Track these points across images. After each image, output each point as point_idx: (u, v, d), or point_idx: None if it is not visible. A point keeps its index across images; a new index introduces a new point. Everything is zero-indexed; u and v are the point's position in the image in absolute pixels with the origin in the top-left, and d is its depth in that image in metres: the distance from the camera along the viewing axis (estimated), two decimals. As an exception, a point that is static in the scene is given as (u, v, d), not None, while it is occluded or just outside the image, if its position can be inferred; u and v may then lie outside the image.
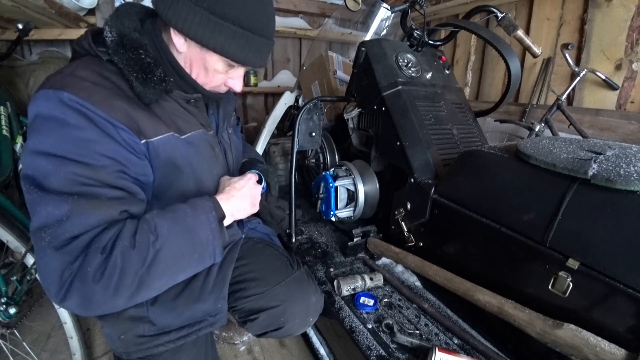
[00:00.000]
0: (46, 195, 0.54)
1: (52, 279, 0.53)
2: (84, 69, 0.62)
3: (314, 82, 1.85)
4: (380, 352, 0.78)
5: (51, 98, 0.57)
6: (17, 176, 1.30)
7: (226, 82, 0.75)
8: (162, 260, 0.58)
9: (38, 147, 0.56)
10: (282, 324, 0.87)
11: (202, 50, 0.68)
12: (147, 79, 0.64)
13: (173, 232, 0.60)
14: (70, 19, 1.87)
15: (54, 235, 0.53)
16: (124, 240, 0.56)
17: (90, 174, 0.57)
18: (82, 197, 0.55)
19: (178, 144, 0.70)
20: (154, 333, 0.75)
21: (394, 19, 1.73)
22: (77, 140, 0.57)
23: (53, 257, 0.53)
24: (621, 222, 0.58)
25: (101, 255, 0.54)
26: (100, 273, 0.53)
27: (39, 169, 0.56)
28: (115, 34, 0.65)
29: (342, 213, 1.19)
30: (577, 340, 0.60)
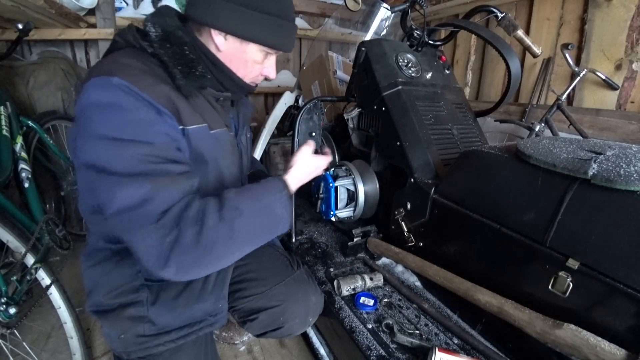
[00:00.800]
0: (121, 178, 0.57)
1: (151, 252, 0.57)
2: (129, 58, 0.65)
3: (314, 82, 1.85)
4: (380, 352, 0.78)
5: (101, 84, 0.59)
6: (17, 176, 1.30)
7: (262, 72, 0.80)
8: (245, 232, 0.64)
9: (98, 133, 0.58)
10: (281, 324, 0.87)
11: (242, 44, 0.73)
12: (190, 72, 0.69)
13: (253, 208, 0.67)
14: (70, 19, 1.87)
15: (145, 213, 0.57)
16: (213, 214, 0.61)
17: (155, 152, 0.60)
18: (158, 175, 0.59)
19: (208, 137, 0.73)
20: (154, 333, 0.75)
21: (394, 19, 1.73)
22: (134, 121, 0.59)
23: (150, 232, 0.57)
24: (621, 222, 0.58)
25: (194, 227, 0.58)
26: (195, 242, 0.58)
27: (103, 155, 0.58)
28: (159, 30, 0.69)
29: (342, 213, 1.19)
30: (577, 340, 0.60)
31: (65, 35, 2.02)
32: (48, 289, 1.05)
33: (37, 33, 1.92)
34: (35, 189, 1.34)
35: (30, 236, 1.01)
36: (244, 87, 0.81)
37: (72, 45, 2.21)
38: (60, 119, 1.79)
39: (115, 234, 0.72)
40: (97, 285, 0.77)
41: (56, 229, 1.18)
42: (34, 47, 2.12)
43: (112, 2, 2.13)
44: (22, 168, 1.31)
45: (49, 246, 1.10)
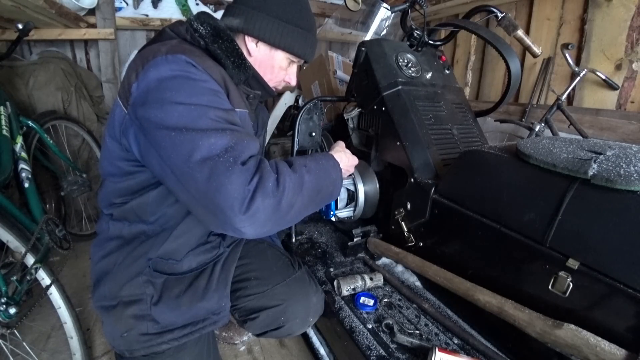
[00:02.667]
0: (203, 132, 0.60)
1: (236, 195, 0.58)
2: (186, 44, 0.72)
3: (314, 82, 1.85)
4: (380, 352, 0.78)
5: (172, 61, 0.64)
6: (17, 176, 1.30)
7: (285, 78, 0.90)
8: (311, 188, 0.69)
9: (176, 100, 0.62)
10: (282, 324, 0.87)
11: (272, 50, 0.83)
12: (241, 64, 0.78)
13: (317, 169, 0.73)
14: (70, 19, 1.87)
15: (232, 156, 0.60)
16: (286, 167, 0.66)
17: (228, 117, 0.65)
18: (234, 131, 0.64)
19: (248, 120, 0.81)
20: (158, 331, 0.75)
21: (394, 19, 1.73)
22: (207, 90, 0.65)
23: (237, 174, 0.58)
24: (621, 222, 0.58)
25: (274, 175, 0.63)
26: (275, 187, 0.61)
27: (184, 116, 0.61)
28: (209, 27, 0.76)
29: (342, 213, 1.19)
30: (577, 340, 0.60)
31: (65, 35, 2.02)
32: (48, 289, 1.05)
33: (37, 33, 1.92)
34: (35, 189, 1.33)
35: (30, 236, 1.01)
36: (268, 91, 0.90)
37: (72, 45, 2.21)
38: (60, 119, 1.79)
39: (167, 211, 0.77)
40: (106, 275, 0.78)
41: (56, 229, 1.18)
42: (34, 47, 2.12)
43: (112, 2, 2.13)
44: (22, 168, 1.31)
45: (49, 246, 1.09)
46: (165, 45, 0.69)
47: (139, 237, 0.79)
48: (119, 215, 0.79)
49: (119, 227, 0.80)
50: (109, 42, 2.17)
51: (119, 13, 2.19)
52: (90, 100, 2.09)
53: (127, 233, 0.79)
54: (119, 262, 0.78)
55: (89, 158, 2.07)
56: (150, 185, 0.74)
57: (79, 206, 1.98)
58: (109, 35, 2.13)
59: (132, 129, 0.67)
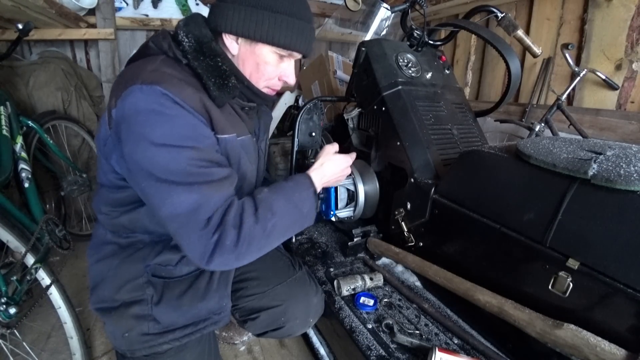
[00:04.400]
0: (170, 187, 0.61)
1: (196, 252, 0.62)
2: (168, 67, 0.67)
3: (314, 82, 1.85)
4: (380, 352, 0.78)
5: (147, 92, 0.61)
6: (17, 176, 1.30)
7: (280, 77, 0.79)
8: (277, 231, 0.68)
9: (149, 139, 0.61)
10: (282, 324, 0.87)
11: (252, 45, 0.73)
12: (224, 84, 0.70)
13: (285, 210, 0.70)
14: (70, 19, 1.87)
15: (194, 221, 0.61)
16: (249, 217, 0.65)
17: (202, 156, 0.64)
18: (204, 184, 0.62)
19: (236, 144, 0.76)
20: (159, 331, 0.75)
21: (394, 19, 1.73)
22: (181, 127, 0.63)
23: (196, 237, 0.62)
24: (621, 222, 0.58)
25: (234, 230, 0.63)
26: (234, 244, 0.62)
27: (156, 161, 0.61)
28: (193, 40, 0.70)
29: (342, 213, 1.19)
30: (577, 340, 0.60)
31: (65, 35, 2.02)
32: (48, 289, 1.05)
33: (37, 33, 1.92)
34: (35, 189, 1.33)
35: (30, 236, 1.01)
36: (263, 97, 0.82)
37: (72, 45, 2.21)
38: (60, 119, 1.79)
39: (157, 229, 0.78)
40: (103, 279, 0.78)
41: (56, 229, 1.18)
42: (34, 47, 2.12)
43: (112, 2, 2.13)
44: (22, 168, 1.31)
45: (49, 246, 1.09)
46: (144, 67, 0.66)
47: (135, 245, 0.79)
48: (113, 227, 0.79)
49: (111, 236, 0.80)
50: (109, 42, 2.17)
51: (119, 13, 2.19)
52: (90, 100, 2.09)
53: (123, 241, 0.79)
54: (115, 266, 0.77)
55: (89, 158, 2.07)
56: (140, 200, 0.73)
57: (79, 206, 1.98)
58: (109, 35, 2.13)
59: (115, 153, 0.68)
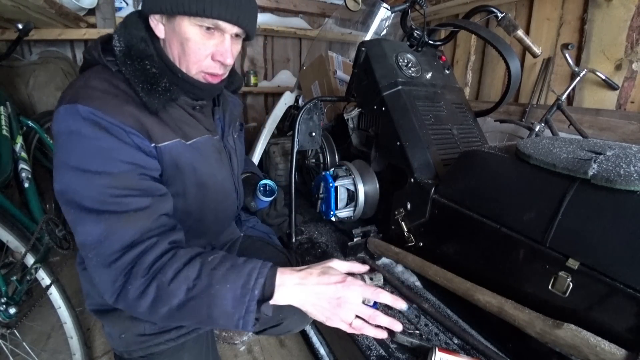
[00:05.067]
0: (81, 214, 0.58)
1: (105, 290, 0.59)
2: (95, 79, 0.64)
3: (314, 82, 1.85)
4: (380, 352, 0.78)
5: (67, 112, 0.60)
6: (17, 176, 1.30)
7: (214, 56, 0.70)
8: (192, 309, 0.56)
9: (66, 162, 0.59)
10: (280, 320, 0.87)
11: (172, 21, 0.66)
12: (152, 89, 0.66)
13: (207, 292, 0.56)
14: (70, 19, 1.87)
15: (98, 254, 0.58)
16: (165, 275, 0.56)
17: (115, 183, 0.59)
18: (114, 214, 0.58)
19: (184, 149, 0.71)
20: (155, 332, 0.75)
21: (394, 19, 1.73)
22: (96, 151, 0.59)
23: (103, 272, 0.58)
24: (621, 222, 0.58)
25: (141, 280, 0.56)
26: (139, 294, 0.56)
27: (69, 185, 0.59)
28: (123, 44, 0.66)
29: (342, 213, 1.19)
30: (577, 340, 0.60)
31: (65, 35, 2.02)
32: (48, 289, 1.05)
33: (37, 33, 1.92)
34: (35, 189, 1.33)
35: (30, 236, 1.01)
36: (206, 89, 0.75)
37: (72, 45, 2.21)
38: (60, 119, 1.79)
39: None
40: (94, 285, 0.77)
41: (56, 229, 1.18)
42: (34, 47, 2.12)
43: (112, 2, 2.13)
44: (22, 168, 1.31)
45: (49, 246, 1.10)
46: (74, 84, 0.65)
47: None
48: None
49: None
50: (109, 42, 2.17)
51: (119, 13, 2.19)
52: (90, 100, 2.09)
53: None
54: None
55: (89, 158, 2.07)
56: None
57: (79, 206, 1.98)
58: (109, 35, 2.13)
59: None
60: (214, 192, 0.79)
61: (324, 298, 0.58)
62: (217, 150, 0.81)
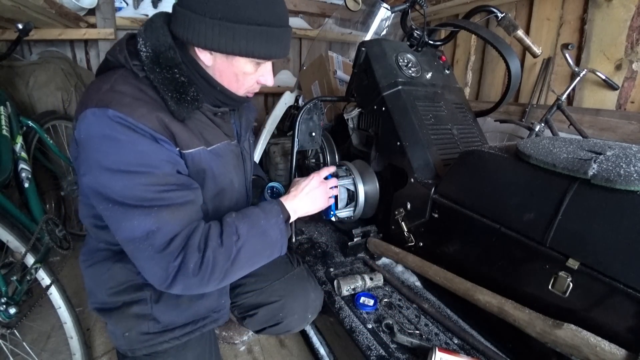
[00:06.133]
0: (127, 211, 0.61)
1: (157, 276, 0.63)
2: (123, 84, 0.65)
3: (314, 82, 1.85)
4: (380, 352, 0.78)
5: (99, 116, 0.60)
6: (17, 176, 1.30)
7: (258, 80, 0.77)
8: (243, 256, 0.68)
9: (102, 165, 0.60)
10: (280, 319, 0.88)
11: (229, 58, 0.69)
12: (182, 98, 0.67)
13: (251, 233, 0.69)
14: (70, 19, 1.87)
15: (152, 244, 0.61)
16: (213, 240, 0.65)
17: (157, 181, 0.62)
18: (162, 208, 0.62)
19: (206, 155, 0.73)
20: (159, 330, 0.75)
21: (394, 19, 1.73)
22: (133, 153, 0.61)
23: (156, 260, 0.61)
24: (621, 222, 0.58)
25: (198, 254, 0.62)
26: (198, 268, 0.62)
27: (111, 186, 0.61)
28: (150, 49, 0.66)
29: (342, 213, 1.19)
30: (577, 340, 0.60)
31: (65, 35, 2.02)
32: (48, 289, 1.05)
33: (37, 33, 1.92)
34: (35, 189, 1.33)
35: (30, 236, 1.01)
36: (239, 101, 0.79)
37: (72, 45, 2.21)
38: (60, 119, 1.79)
39: None
40: (98, 283, 0.78)
41: (56, 229, 1.18)
42: (34, 47, 2.12)
43: (112, 2, 2.13)
44: (22, 168, 1.31)
45: (49, 246, 1.10)
46: (100, 87, 0.64)
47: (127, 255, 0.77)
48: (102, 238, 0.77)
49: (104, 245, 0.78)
50: (109, 42, 2.17)
51: (119, 13, 2.19)
52: (90, 100, 2.09)
53: (115, 248, 0.77)
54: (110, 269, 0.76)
55: (89, 158, 2.07)
56: None
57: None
58: (109, 35, 2.13)
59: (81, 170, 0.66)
60: (229, 197, 0.81)
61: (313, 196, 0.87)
62: (235, 155, 0.83)
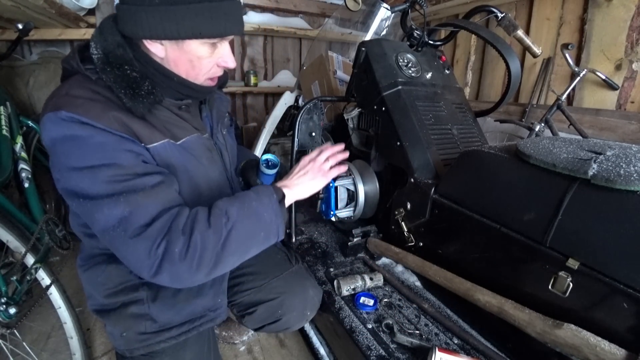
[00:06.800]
0: (97, 201, 0.59)
1: (140, 263, 0.60)
2: (77, 88, 0.64)
3: (314, 82, 1.85)
4: (380, 352, 0.78)
5: (54, 120, 0.60)
6: (17, 176, 1.30)
7: (218, 63, 0.73)
8: (234, 239, 0.64)
9: (68, 165, 0.60)
10: (279, 316, 0.88)
11: (179, 44, 0.67)
12: (135, 94, 0.65)
13: (241, 214, 0.66)
14: (70, 19, 1.87)
15: (126, 229, 0.59)
16: (201, 222, 0.62)
17: (123, 172, 0.61)
18: (131, 193, 0.60)
19: (173, 149, 0.71)
20: (156, 330, 0.75)
21: (394, 19, 1.73)
22: (94, 146, 0.60)
23: (132, 246, 0.59)
24: (621, 222, 0.58)
25: (183, 237, 0.60)
26: (184, 252, 0.60)
27: (79, 184, 0.60)
28: (100, 51, 0.66)
29: (342, 213, 1.19)
30: (577, 340, 0.60)
31: (65, 35, 2.02)
32: (48, 289, 1.05)
33: (37, 33, 1.92)
34: (35, 189, 1.34)
35: (30, 236, 1.01)
36: (202, 91, 0.76)
37: (72, 46, 2.21)
38: (60, 119, 1.79)
39: None
40: (95, 286, 0.78)
41: (56, 229, 1.18)
42: (34, 47, 2.12)
43: (112, 2, 2.13)
44: (22, 168, 1.31)
45: (49, 246, 1.10)
46: (56, 93, 0.65)
47: None
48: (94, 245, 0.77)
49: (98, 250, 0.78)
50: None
51: (119, 13, 2.19)
52: (90, 100, 2.09)
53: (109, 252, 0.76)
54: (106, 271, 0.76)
55: (89, 158, 2.07)
56: None
57: (79, 206, 1.97)
58: (109, 35, 2.13)
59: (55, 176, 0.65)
60: (208, 190, 0.79)
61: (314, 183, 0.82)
62: (207, 148, 0.81)
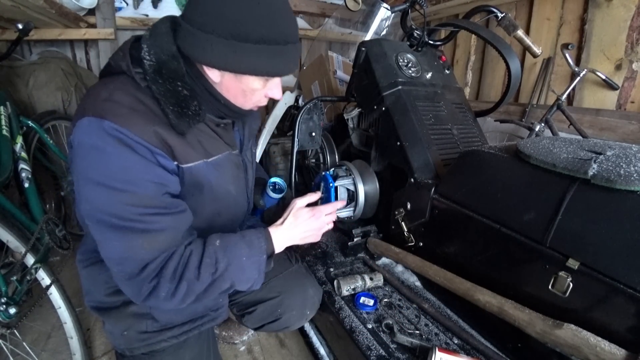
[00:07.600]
0: (105, 231, 0.61)
1: (131, 294, 0.65)
2: (120, 93, 0.63)
3: (314, 82, 1.85)
4: (380, 352, 0.78)
5: (94, 127, 0.59)
6: (17, 176, 1.30)
7: (266, 94, 0.75)
8: (217, 288, 0.68)
9: (88, 175, 0.60)
10: (279, 315, 0.88)
11: (237, 76, 0.68)
12: (183, 112, 0.65)
13: (230, 269, 0.68)
14: (70, 19, 1.87)
15: (122, 270, 0.62)
16: (190, 271, 0.64)
17: (138, 202, 0.61)
18: (136, 233, 0.61)
19: (204, 168, 0.72)
20: (157, 329, 0.76)
21: (394, 19, 1.73)
22: (119, 168, 0.60)
23: (128, 284, 0.64)
24: (621, 222, 0.58)
25: (170, 285, 0.63)
26: (170, 295, 0.64)
27: (92, 199, 0.61)
28: (153, 58, 0.64)
29: (342, 213, 1.19)
30: (577, 340, 0.60)
31: (65, 35, 2.03)
32: (48, 289, 1.05)
33: (37, 33, 1.92)
34: (35, 189, 1.34)
35: (30, 236, 1.01)
36: (245, 114, 0.78)
37: (72, 45, 2.21)
38: (60, 119, 1.79)
39: None
40: (95, 283, 0.78)
41: (56, 229, 1.18)
42: (34, 47, 2.12)
43: (112, 2, 2.13)
44: (22, 168, 1.31)
45: (49, 246, 1.10)
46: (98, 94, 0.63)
47: None
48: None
49: None
50: (109, 42, 2.18)
51: (119, 13, 2.20)
52: (90, 100, 2.09)
53: None
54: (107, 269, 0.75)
55: (89, 158, 2.07)
56: None
57: (79, 206, 1.98)
58: (109, 35, 2.13)
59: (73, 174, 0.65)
60: (226, 207, 0.80)
61: (307, 233, 0.82)
62: (235, 165, 0.81)
